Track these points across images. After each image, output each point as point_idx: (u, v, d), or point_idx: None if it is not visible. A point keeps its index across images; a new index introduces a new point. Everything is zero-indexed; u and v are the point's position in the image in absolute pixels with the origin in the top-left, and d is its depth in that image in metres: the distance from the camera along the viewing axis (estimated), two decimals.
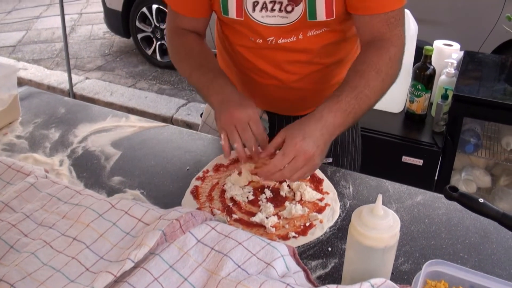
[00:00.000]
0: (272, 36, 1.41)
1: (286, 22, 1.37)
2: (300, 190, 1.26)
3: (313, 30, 1.40)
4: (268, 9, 1.36)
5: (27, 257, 0.97)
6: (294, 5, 1.34)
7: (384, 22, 1.32)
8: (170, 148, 1.53)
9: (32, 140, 1.60)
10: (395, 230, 0.87)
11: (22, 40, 6.68)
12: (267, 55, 1.47)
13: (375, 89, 1.29)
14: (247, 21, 1.40)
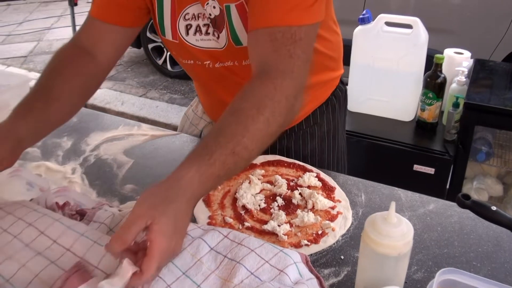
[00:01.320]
0: (209, 60, 1.34)
1: (218, 47, 1.29)
2: (312, 198, 1.26)
3: (247, 60, 1.25)
4: (202, 32, 1.28)
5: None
6: (218, 32, 1.26)
7: (268, 38, 1.08)
8: (182, 156, 1.50)
9: (44, 148, 1.61)
10: (408, 238, 0.87)
11: (33, 50, 6.74)
12: (212, 77, 1.39)
13: (256, 134, 0.99)
14: (182, 44, 1.32)
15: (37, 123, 1.16)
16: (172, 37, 1.33)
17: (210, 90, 1.49)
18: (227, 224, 1.20)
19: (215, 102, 1.50)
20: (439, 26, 3.67)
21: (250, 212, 1.25)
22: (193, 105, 1.77)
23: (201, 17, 1.27)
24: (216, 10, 1.23)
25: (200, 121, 1.70)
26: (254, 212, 1.25)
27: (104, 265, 0.93)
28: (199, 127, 1.70)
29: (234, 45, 1.26)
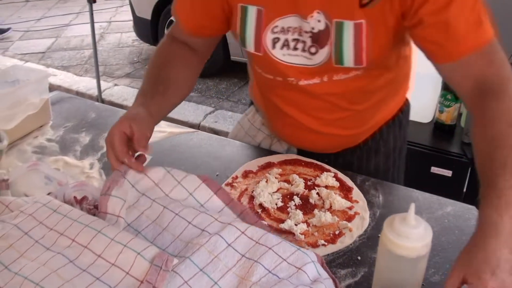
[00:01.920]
0: (293, 77, 1.28)
1: (309, 64, 1.24)
2: (330, 198, 1.26)
3: (339, 75, 1.25)
4: (290, 47, 1.24)
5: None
6: (318, 47, 1.21)
7: (486, 58, 1.09)
8: (199, 154, 1.54)
9: (62, 143, 1.63)
10: (427, 240, 0.86)
11: (51, 47, 6.78)
12: (288, 95, 1.35)
13: None
14: (267, 58, 1.28)
15: (161, 103, 1.31)
16: (254, 49, 1.28)
17: (281, 107, 1.41)
18: None
19: (283, 117, 1.43)
20: None
21: (267, 210, 1.25)
22: (248, 114, 1.68)
23: (290, 31, 1.22)
24: (321, 25, 1.18)
25: (258, 132, 1.62)
26: (271, 211, 1.25)
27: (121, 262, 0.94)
28: (256, 140, 1.62)
29: (333, 64, 1.21)
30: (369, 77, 1.27)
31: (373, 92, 1.35)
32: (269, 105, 1.47)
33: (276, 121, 1.50)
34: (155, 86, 1.32)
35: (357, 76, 1.25)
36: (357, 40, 1.15)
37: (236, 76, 5.46)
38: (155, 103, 1.29)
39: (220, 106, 4.92)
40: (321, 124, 1.38)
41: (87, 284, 0.91)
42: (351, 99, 1.33)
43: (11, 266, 0.96)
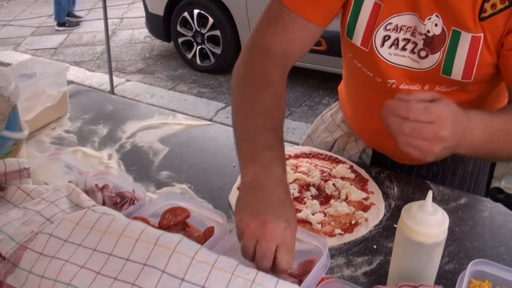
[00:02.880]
0: (394, 79, 1.22)
1: (415, 67, 1.19)
2: (346, 189, 1.28)
3: (442, 86, 1.20)
4: (398, 47, 1.18)
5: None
6: (429, 52, 1.15)
7: None
8: (216, 145, 1.56)
9: (80, 134, 1.66)
10: (444, 226, 0.89)
11: (63, 42, 6.84)
12: (383, 97, 1.21)
13: None
14: (372, 54, 1.21)
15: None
16: (361, 44, 1.22)
17: (372, 106, 1.32)
18: None
19: (369, 117, 1.37)
20: None
21: None
22: (332, 109, 1.64)
23: (403, 30, 1.17)
24: (437, 29, 1.13)
25: (336, 129, 1.58)
26: None
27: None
28: (334, 136, 1.58)
29: (439, 72, 1.16)
30: (469, 92, 1.22)
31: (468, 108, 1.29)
32: (359, 102, 1.43)
33: (360, 119, 1.45)
34: (278, 138, 1.07)
35: (458, 90, 1.20)
36: (471, 53, 1.11)
37: None
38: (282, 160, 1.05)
39: None
40: None
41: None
42: None
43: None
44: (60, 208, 1.10)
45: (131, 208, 1.11)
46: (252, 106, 1.12)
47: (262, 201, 0.93)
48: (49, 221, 1.06)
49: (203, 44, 5.53)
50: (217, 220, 1.09)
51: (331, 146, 1.59)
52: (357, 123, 1.49)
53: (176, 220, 1.09)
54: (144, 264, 0.87)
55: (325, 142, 1.60)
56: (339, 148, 1.57)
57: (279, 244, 0.89)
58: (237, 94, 1.18)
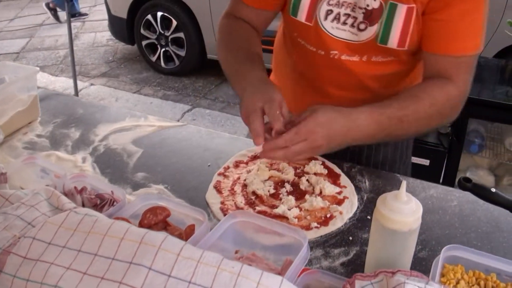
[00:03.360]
0: (336, 50, 1.34)
1: (354, 40, 1.31)
2: (320, 184, 1.32)
3: (379, 56, 1.33)
4: (340, 21, 1.30)
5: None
6: (368, 24, 1.27)
7: (453, 65, 1.25)
8: (189, 146, 1.58)
9: (53, 139, 1.65)
10: (418, 214, 0.93)
11: (25, 47, 6.73)
12: (324, 70, 1.41)
13: (421, 120, 1.23)
14: (316, 28, 1.33)
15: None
16: (305, 19, 1.33)
17: (314, 82, 1.47)
18: (239, 208, 1.25)
19: (311, 93, 1.50)
20: None
21: (260, 197, 1.30)
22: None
23: (345, 6, 1.28)
24: (376, 3, 1.25)
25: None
26: (264, 198, 1.30)
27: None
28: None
29: (377, 43, 1.28)
30: (402, 64, 1.36)
31: (399, 81, 1.44)
32: (299, 78, 1.52)
33: (299, 99, 1.51)
34: (253, 62, 1.32)
35: (393, 61, 1.34)
36: (405, 23, 1.24)
37: (212, 74, 5.49)
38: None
39: (198, 104, 4.96)
40: (346, 101, 1.35)
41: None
42: (380, 83, 1.41)
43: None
44: (41, 211, 1.09)
45: (111, 210, 1.12)
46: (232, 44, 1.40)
47: (249, 91, 1.21)
48: (30, 225, 1.06)
49: (167, 46, 5.52)
50: (197, 218, 1.11)
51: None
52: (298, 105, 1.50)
53: (157, 219, 1.10)
54: (131, 262, 0.88)
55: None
56: None
57: (264, 104, 1.16)
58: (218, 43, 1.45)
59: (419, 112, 1.22)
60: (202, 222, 1.08)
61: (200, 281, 0.84)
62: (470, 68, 1.27)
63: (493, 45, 3.83)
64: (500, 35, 3.66)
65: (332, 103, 1.34)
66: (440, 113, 1.26)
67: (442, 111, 1.26)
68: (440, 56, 1.25)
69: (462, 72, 1.26)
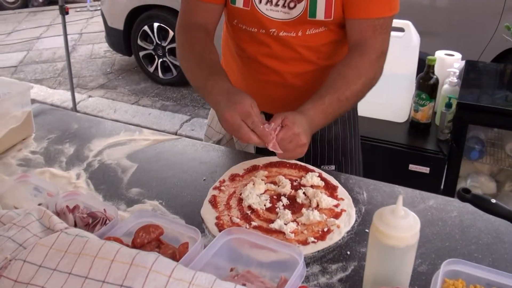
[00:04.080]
0: (274, 29, 1.49)
1: (287, 18, 1.46)
2: (316, 197, 1.29)
3: (312, 29, 1.48)
4: (272, 3, 1.45)
5: None
6: (296, 2, 1.43)
7: (370, 28, 1.42)
8: (185, 159, 1.56)
9: (47, 155, 1.63)
10: (415, 229, 0.90)
11: (23, 60, 6.74)
12: (268, 48, 1.54)
13: (355, 91, 1.39)
14: (253, 11, 1.48)
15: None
16: (243, 5, 1.49)
17: (259, 59, 1.59)
18: (234, 224, 1.23)
19: (257, 69, 1.62)
20: (430, 30, 3.72)
21: (256, 212, 1.28)
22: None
23: None
24: None
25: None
26: (260, 212, 1.28)
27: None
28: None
29: (307, 17, 1.44)
30: (332, 32, 1.51)
31: (335, 51, 1.58)
32: (246, 61, 1.65)
33: (250, 82, 1.67)
34: (215, 70, 1.43)
35: (325, 31, 1.50)
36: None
37: None
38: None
39: (196, 114, 4.95)
40: (291, 75, 1.60)
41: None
42: (319, 54, 1.56)
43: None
44: (32, 232, 1.08)
45: (103, 229, 1.10)
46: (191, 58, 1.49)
47: (220, 111, 1.29)
48: (22, 247, 1.04)
49: (165, 57, 5.51)
50: (191, 236, 1.09)
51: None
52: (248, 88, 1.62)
53: (150, 237, 1.08)
54: (121, 285, 0.86)
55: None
56: None
57: (242, 119, 1.25)
58: (181, 64, 1.54)
59: (350, 86, 1.38)
60: (196, 240, 1.06)
61: None
62: (386, 29, 1.44)
63: (491, 49, 3.82)
64: (498, 39, 3.66)
65: (278, 80, 1.61)
66: (367, 78, 1.42)
67: (369, 75, 1.43)
68: (358, 20, 1.43)
69: (378, 33, 1.43)
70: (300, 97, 1.56)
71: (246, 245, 1.06)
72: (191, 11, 1.57)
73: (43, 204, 1.20)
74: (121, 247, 0.93)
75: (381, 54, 1.45)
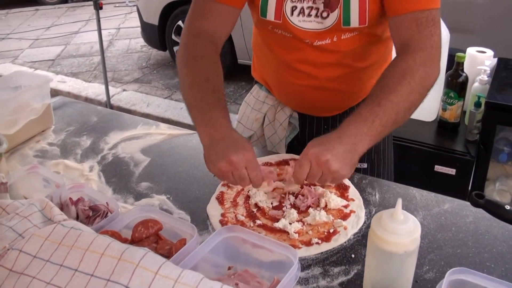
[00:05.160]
0: (308, 39, 1.42)
1: (321, 28, 1.39)
2: (325, 197, 1.26)
3: (346, 33, 1.41)
4: (305, 14, 1.38)
5: None
6: (329, 11, 1.36)
7: (414, 22, 1.28)
8: (197, 155, 1.54)
9: (63, 147, 1.64)
10: (415, 235, 0.86)
11: (61, 54, 6.85)
12: (303, 54, 1.47)
13: (402, 93, 1.22)
14: (285, 24, 1.41)
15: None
16: (274, 18, 1.42)
17: (293, 64, 1.52)
18: (239, 221, 1.21)
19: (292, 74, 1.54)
20: (462, 26, 3.62)
21: (262, 210, 1.25)
22: (253, 92, 1.79)
23: (306, 0, 1.37)
24: None
25: (263, 105, 1.73)
26: (266, 210, 1.25)
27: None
28: (262, 111, 1.73)
29: (341, 25, 1.37)
30: (367, 34, 1.43)
31: (370, 51, 1.50)
32: (279, 64, 1.57)
33: (284, 84, 1.61)
34: (219, 99, 1.30)
35: (360, 35, 1.42)
36: (361, 3, 1.33)
37: (243, 79, 5.47)
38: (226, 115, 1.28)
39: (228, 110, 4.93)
40: (326, 79, 1.51)
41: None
42: (354, 57, 1.48)
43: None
44: (33, 223, 1.08)
45: (103, 222, 1.10)
46: (193, 77, 1.34)
47: (220, 148, 1.18)
48: (21, 237, 1.05)
49: None
50: (190, 233, 1.07)
51: (262, 121, 1.75)
52: (282, 89, 1.65)
53: (148, 232, 1.07)
54: (108, 280, 0.85)
55: (256, 120, 1.75)
56: (270, 120, 1.73)
57: (246, 166, 1.15)
58: (180, 72, 1.39)
59: (395, 89, 1.23)
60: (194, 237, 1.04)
61: None
62: (432, 21, 1.29)
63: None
64: None
65: (314, 83, 1.52)
66: (414, 79, 1.25)
67: (416, 76, 1.26)
68: (400, 17, 1.30)
69: (424, 27, 1.29)
70: (334, 99, 1.59)
71: (247, 244, 1.04)
72: (202, 15, 1.44)
73: (48, 196, 1.21)
74: (112, 241, 0.92)
75: (430, 49, 1.29)
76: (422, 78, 1.26)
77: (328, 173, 1.13)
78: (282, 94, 1.68)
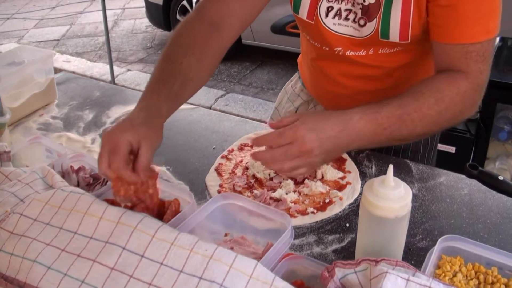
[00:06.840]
0: (340, 47, 1.28)
1: (357, 35, 1.24)
2: (322, 169, 1.28)
3: (385, 48, 1.25)
4: (341, 17, 1.24)
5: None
6: (367, 20, 1.21)
7: (462, 55, 1.11)
8: (198, 128, 1.56)
9: (66, 120, 1.66)
10: (406, 201, 0.88)
11: (66, 34, 6.85)
12: (332, 64, 1.36)
13: (427, 117, 1.07)
14: (317, 26, 1.28)
15: (174, 103, 1.16)
16: (306, 17, 1.27)
17: (326, 71, 1.40)
18: (236, 191, 1.23)
19: (326, 81, 1.42)
20: None
21: (259, 181, 1.27)
22: (292, 80, 1.71)
23: (345, 1, 1.22)
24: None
25: (297, 98, 1.64)
26: (264, 181, 1.27)
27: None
28: (295, 104, 1.64)
29: (379, 37, 1.21)
30: (411, 51, 1.27)
31: (413, 68, 1.33)
32: (314, 69, 1.47)
33: (318, 86, 1.51)
34: (171, 82, 1.14)
35: (401, 51, 1.25)
36: (404, 15, 1.16)
37: (247, 59, 5.47)
38: (169, 102, 1.13)
39: (231, 90, 4.95)
40: (359, 92, 1.37)
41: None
42: (393, 73, 1.33)
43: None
44: (34, 189, 1.11)
45: (102, 189, 1.11)
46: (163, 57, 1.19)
47: (121, 120, 1.04)
48: (22, 202, 1.07)
49: None
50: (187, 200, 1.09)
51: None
52: (316, 89, 1.54)
53: None
54: (106, 242, 0.88)
55: (288, 112, 1.66)
56: None
57: (110, 149, 0.97)
58: (166, 46, 1.22)
59: (422, 109, 1.06)
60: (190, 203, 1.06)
61: (172, 263, 0.83)
62: (482, 56, 1.11)
63: None
64: None
65: (346, 93, 1.38)
66: (449, 109, 1.09)
67: (452, 107, 1.10)
68: (447, 45, 1.13)
69: (473, 62, 1.11)
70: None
71: (242, 212, 1.06)
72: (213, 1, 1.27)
73: (49, 164, 1.23)
74: (109, 205, 0.94)
75: (476, 87, 1.12)
76: (454, 115, 1.12)
77: (301, 161, 0.99)
78: (316, 93, 1.57)
